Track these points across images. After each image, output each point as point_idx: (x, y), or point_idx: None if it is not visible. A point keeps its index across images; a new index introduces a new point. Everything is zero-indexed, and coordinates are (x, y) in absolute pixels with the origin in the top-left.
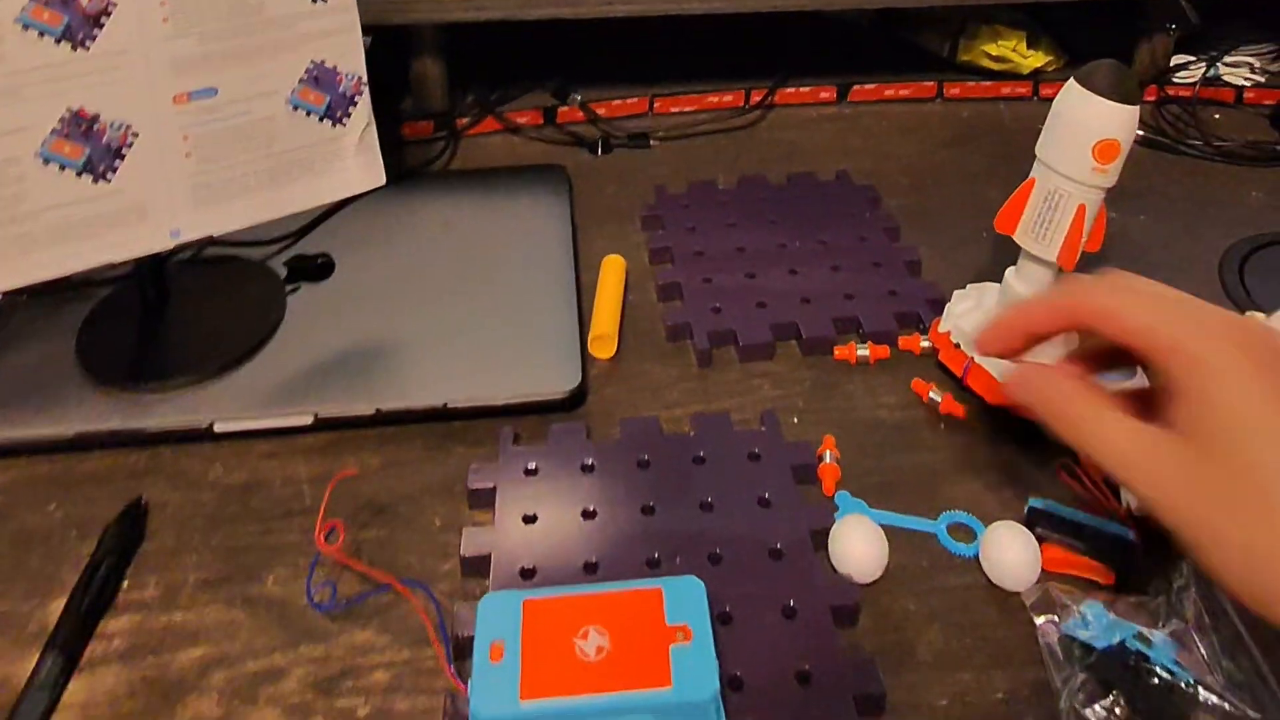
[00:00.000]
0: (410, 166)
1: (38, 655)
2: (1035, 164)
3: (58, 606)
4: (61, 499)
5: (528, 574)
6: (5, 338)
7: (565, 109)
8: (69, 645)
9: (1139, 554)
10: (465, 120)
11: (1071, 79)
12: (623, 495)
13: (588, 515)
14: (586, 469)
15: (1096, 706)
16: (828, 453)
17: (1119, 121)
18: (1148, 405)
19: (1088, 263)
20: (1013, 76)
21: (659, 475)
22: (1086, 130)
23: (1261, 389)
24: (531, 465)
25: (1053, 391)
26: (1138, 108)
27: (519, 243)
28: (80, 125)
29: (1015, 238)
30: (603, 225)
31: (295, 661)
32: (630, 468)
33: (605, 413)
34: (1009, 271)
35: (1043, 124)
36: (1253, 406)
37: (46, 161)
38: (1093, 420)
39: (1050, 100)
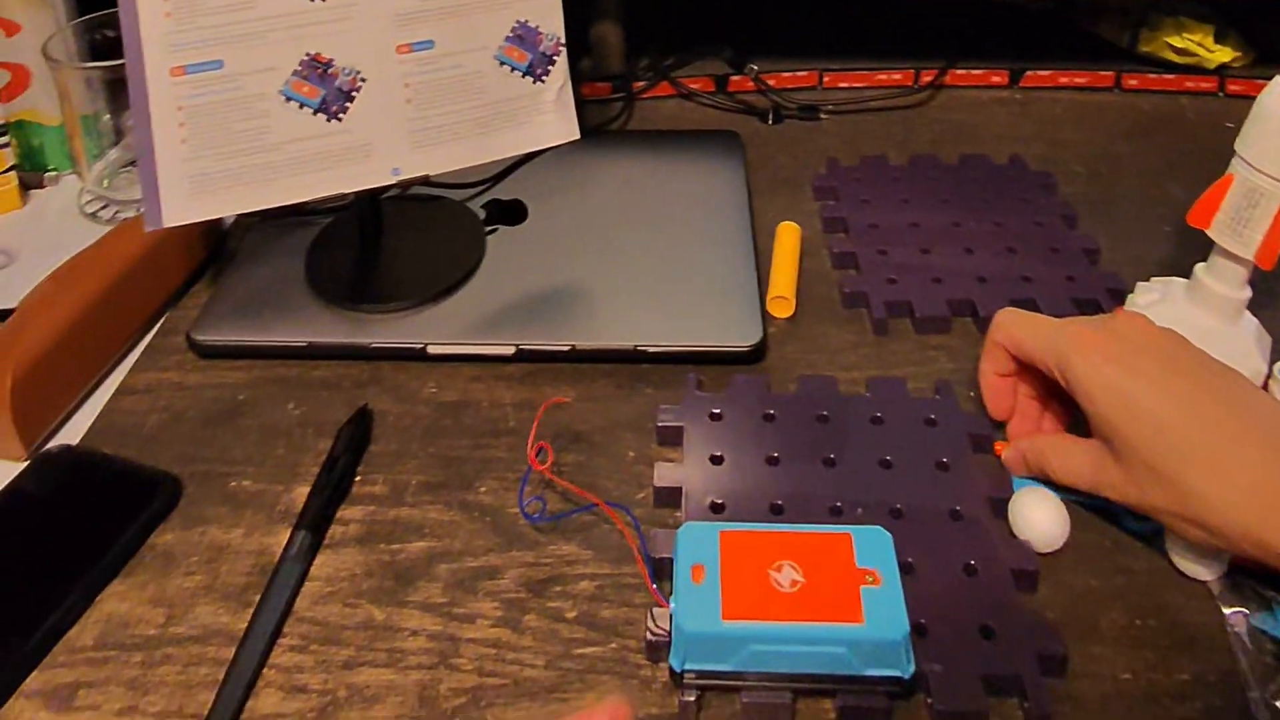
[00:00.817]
0: (590, 125)
1: (288, 531)
2: (1234, 160)
3: (301, 492)
4: (299, 399)
5: (717, 508)
6: (243, 255)
7: (736, 78)
8: (316, 525)
9: None
10: (641, 84)
11: (1278, 76)
12: (804, 446)
13: (771, 461)
14: (768, 418)
15: None
16: None
17: None
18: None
19: None
20: (1197, 71)
21: (837, 431)
22: None
23: (1118, 378)
24: (716, 410)
25: (1028, 453)
26: None
27: (697, 202)
28: (317, 69)
29: (1210, 233)
30: (775, 193)
31: (508, 563)
32: (810, 421)
33: (784, 369)
34: (1199, 267)
35: (1228, 120)
36: (1110, 395)
37: (288, 99)
38: (1058, 459)
39: (1237, 97)
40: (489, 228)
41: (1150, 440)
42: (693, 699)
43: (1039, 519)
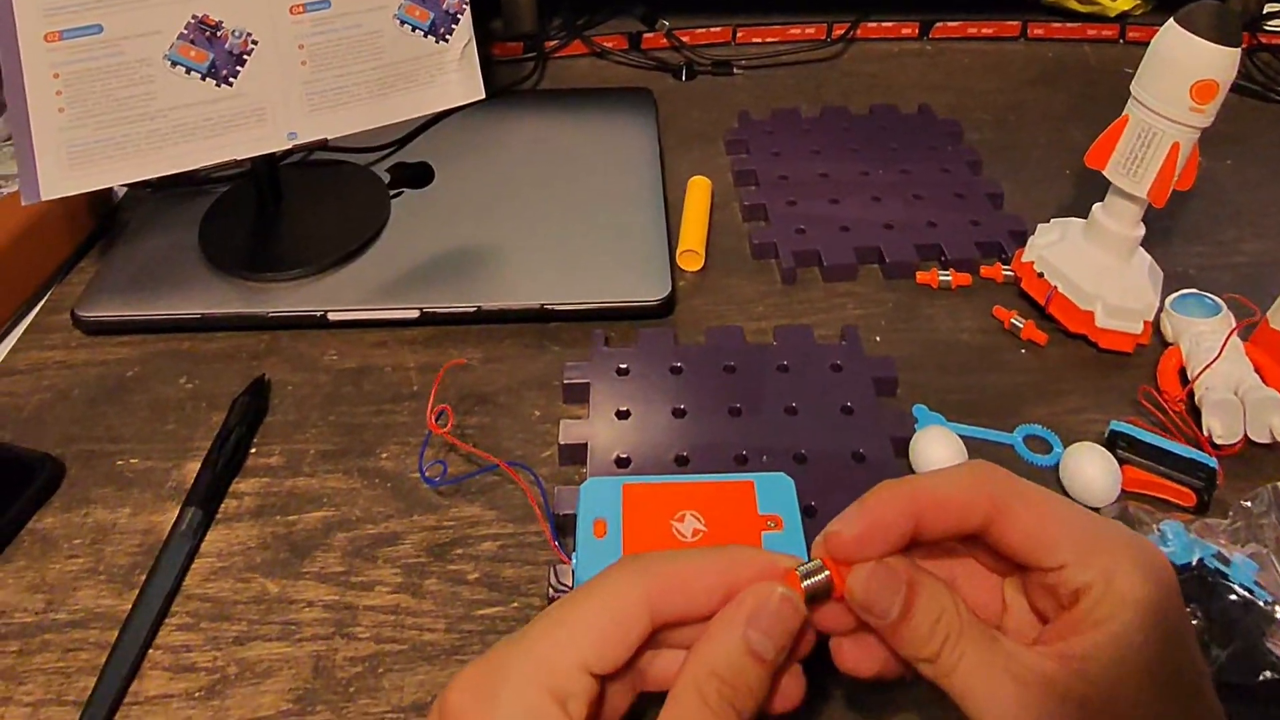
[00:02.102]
0: (501, 85)
1: (178, 508)
2: (1130, 101)
3: (193, 468)
4: (191, 373)
5: (622, 463)
6: (134, 227)
7: (650, 35)
8: (207, 501)
9: (1219, 479)
10: (553, 43)
11: (1172, 19)
12: (710, 396)
13: (677, 413)
14: (675, 371)
15: None
16: None
17: (1219, 63)
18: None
19: (1177, 200)
20: (1099, 19)
21: (744, 380)
22: (1185, 70)
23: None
24: (623, 365)
25: (924, 601)
26: (1239, 50)
27: (608, 160)
28: (204, 31)
29: (1105, 173)
30: (688, 148)
31: (410, 529)
32: (717, 371)
33: (692, 321)
34: (1096, 207)
35: (1128, 66)
36: (1145, 668)
37: (174, 64)
38: (978, 654)
39: (1136, 43)
40: (394, 191)
41: None
42: None
43: (939, 457)
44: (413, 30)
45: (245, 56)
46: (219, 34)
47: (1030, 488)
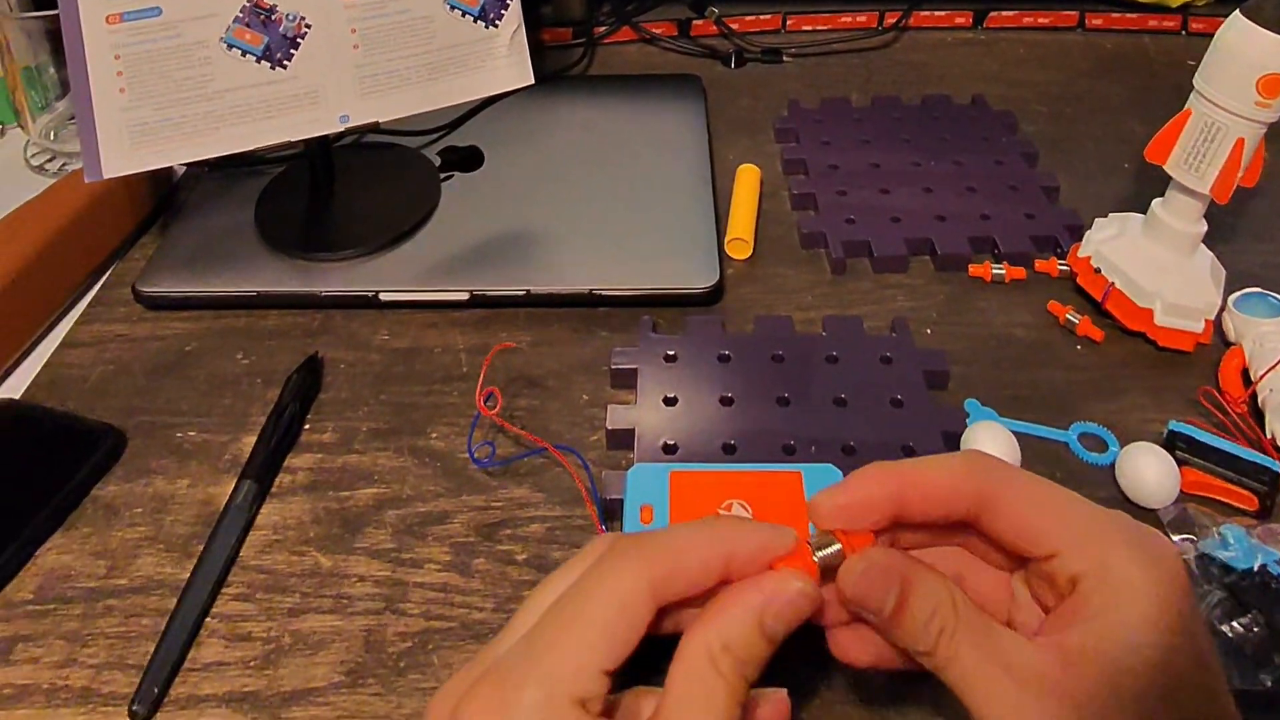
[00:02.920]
0: (550, 71)
1: (234, 481)
2: (1192, 95)
3: (248, 442)
4: (247, 349)
5: (669, 449)
6: (191, 206)
7: (699, 22)
8: (262, 474)
9: None
10: (602, 29)
11: (1237, 11)
12: (758, 385)
13: (725, 401)
14: (723, 359)
15: (1234, 623)
16: None
17: None
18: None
19: (1242, 196)
20: (1160, 9)
21: (793, 370)
22: (1251, 63)
23: (1194, 618)
24: (671, 352)
25: (918, 589)
26: None
27: (657, 146)
28: (260, 15)
29: (1167, 168)
30: (736, 135)
31: (459, 508)
32: (765, 361)
33: (740, 310)
34: (1156, 202)
35: (1190, 58)
36: (1144, 662)
37: (230, 47)
38: (975, 640)
39: (1199, 35)
40: (444, 174)
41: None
42: None
43: (991, 453)
44: (462, 15)
45: (299, 40)
46: (273, 17)
47: (1023, 476)
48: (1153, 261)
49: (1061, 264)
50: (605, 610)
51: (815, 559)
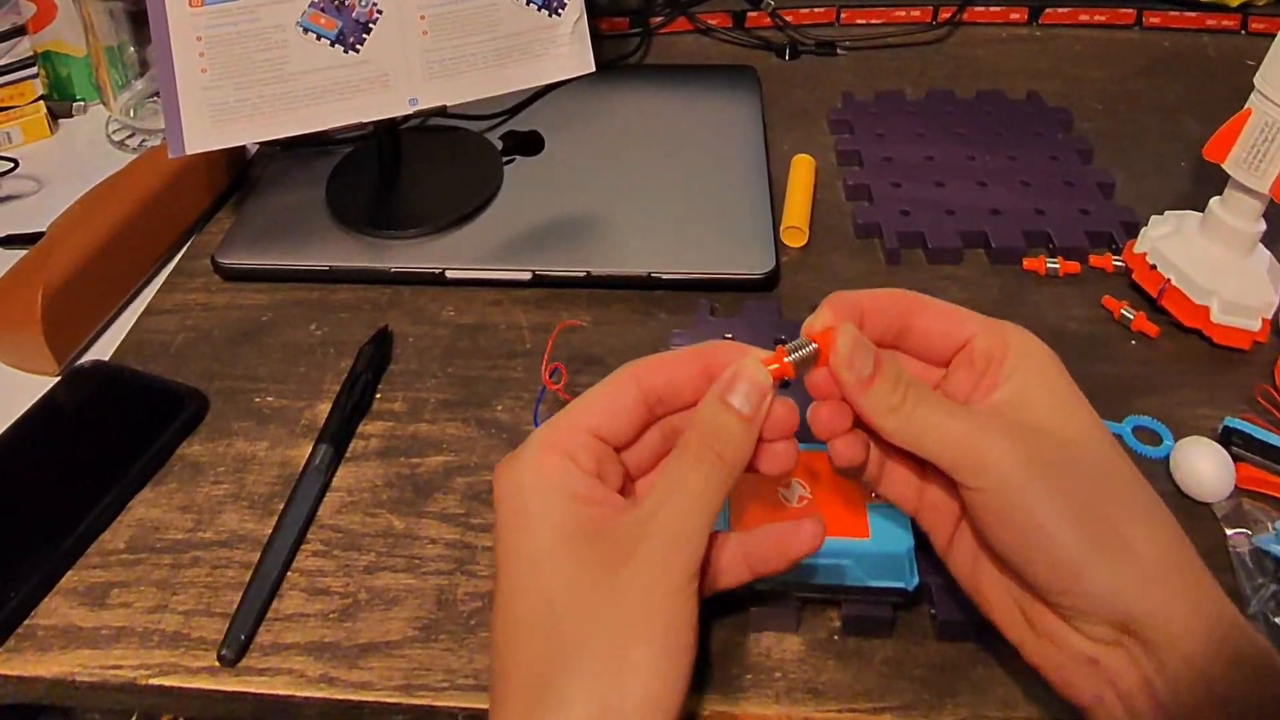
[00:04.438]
0: (606, 59)
1: (309, 445)
2: (1253, 94)
3: (323, 408)
4: (320, 320)
5: None
6: (265, 183)
7: (754, 14)
8: (338, 439)
9: None
10: (658, 19)
11: None
12: None
13: (783, 384)
14: (779, 343)
15: None
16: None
17: None
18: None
19: None
20: (1219, 8)
21: None
22: None
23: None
24: (727, 335)
25: (893, 363)
26: None
27: (713, 135)
28: (334, 1)
29: (1225, 166)
30: (791, 126)
31: None
32: None
33: (796, 296)
34: (1214, 201)
35: (1249, 58)
36: (1059, 397)
37: (305, 31)
38: (927, 396)
39: (1259, 35)
40: (506, 158)
41: (1074, 441)
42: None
43: None
44: (527, 4)
45: (371, 25)
46: (347, 3)
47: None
48: (1210, 259)
49: (1116, 260)
50: (596, 391)
51: (790, 359)
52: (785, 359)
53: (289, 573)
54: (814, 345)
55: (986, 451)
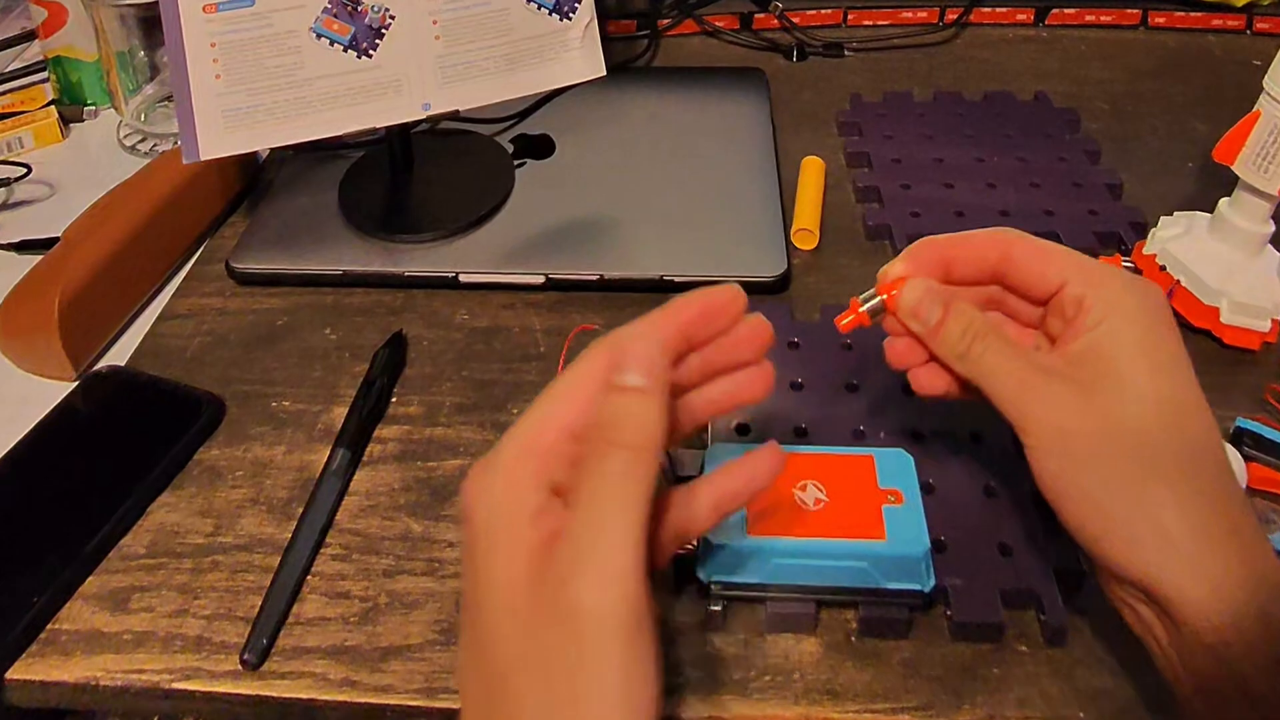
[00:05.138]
0: (615, 62)
1: (327, 449)
2: (1262, 96)
3: (339, 412)
4: (335, 325)
5: (742, 430)
6: (278, 188)
7: (761, 15)
8: (354, 443)
9: None
10: (666, 21)
11: None
12: (828, 371)
13: (795, 386)
14: (792, 345)
15: None
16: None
17: None
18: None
19: None
20: (1224, 8)
21: (861, 358)
22: None
23: (1166, 327)
24: None
25: (958, 308)
26: None
27: (722, 138)
28: (347, 6)
29: (1235, 168)
30: (799, 128)
31: None
32: (834, 348)
33: (807, 299)
34: (1223, 202)
35: (1255, 59)
36: (1155, 339)
37: (319, 36)
38: (998, 344)
39: (1265, 34)
40: (518, 161)
41: (1148, 405)
42: (719, 609)
43: None
44: (538, 9)
45: (383, 30)
46: (359, 9)
47: (1034, 237)
48: (1219, 260)
49: (1126, 261)
50: (569, 381)
51: (863, 309)
52: (860, 309)
53: (309, 577)
54: (882, 297)
55: (1029, 407)
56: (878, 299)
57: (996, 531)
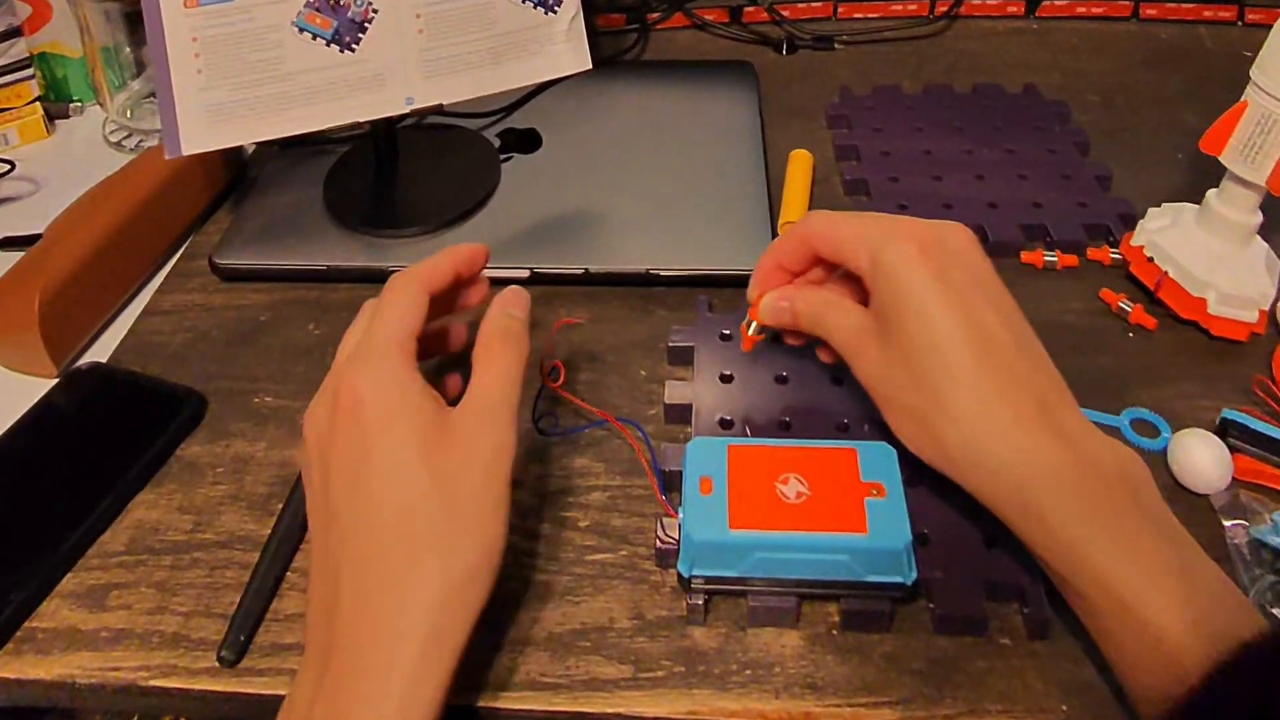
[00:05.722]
0: (604, 56)
1: None
2: (1249, 87)
3: None
4: (318, 320)
5: (726, 424)
6: (262, 183)
7: (750, 9)
8: None
9: None
10: (655, 15)
11: None
12: (813, 365)
13: (780, 380)
14: (777, 339)
15: None
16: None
17: None
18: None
19: None
20: (1216, 0)
21: None
22: None
23: (924, 274)
24: (726, 331)
25: (801, 303)
26: None
27: (710, 131)
28: (329, 0)
29: (1222, 159)
30: (788, 121)
31: (523, 475)
32: (818, 341)
33: None
34: (1211, 193)
35: (1246, 49)
36: (914, 288)
37: (301, 30)
38: (836, 314)
39: (1256, 26)
40: (504, 155)
41: (929, 344)
42: (700, 602)
43: None
44: (522, 2)
45: (366, 24)
46: (342, 2)
47: (825, 213)
48: (1207, 252)
49: (1114, 252)
50: (405, 300)
51: (750, 332)
52: (747, 332)
53: (288, 573)
54: (753, 321)
55: (854, 359)
56: (753, 323)
57: (979, 524)
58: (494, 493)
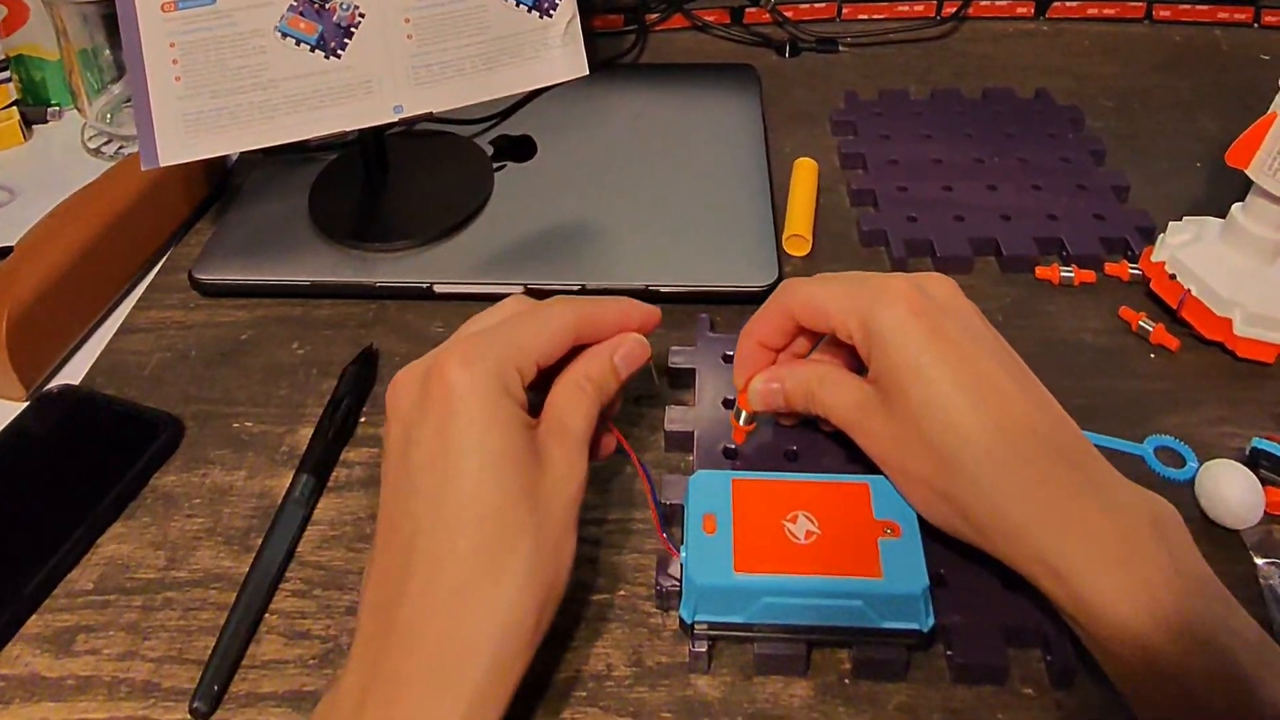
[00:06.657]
0: (601, 59)
1: (290, 473)
2: (1278, 98)
3: (305, 433)
4: (302, 339)
5: (729, 454)
6: (246, 193)
7: (752, 10)
8: (319, 468)
9: None
10: (654, 16)
11: None
12: None
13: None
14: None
15: None
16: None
17: None
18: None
19: None
20: (1231, 1)
21: None
22: None
23: (920, 335)
24: (729, 352)
25: (791, 382)
26: None
27: (711, 138)
28: (314, 4)
29: (1249, 173)
30: (792, 127)
31: None
32: None
33: None
34: (1236, 207)
35: (1263, 52)
36: (911, 351)
37: (284, 36)
38: (829, 390)
39: (1273, 28)
40: (497, 164)
41: (937, 409)
42: (704, 649)
43: None
44: (517, 5)
45: (353, 29)
46: (328, 6)
47: (805, 280)
48: (1232, 269)
49: (1133, 268)
50: (540, 324)
51: (740, 423)
52: (738, 424)
53: (267, 615)
54: (743, 410)
55: (858, 434)
56: (742, 413)
57: (999, 565)
58: (574, 522)
